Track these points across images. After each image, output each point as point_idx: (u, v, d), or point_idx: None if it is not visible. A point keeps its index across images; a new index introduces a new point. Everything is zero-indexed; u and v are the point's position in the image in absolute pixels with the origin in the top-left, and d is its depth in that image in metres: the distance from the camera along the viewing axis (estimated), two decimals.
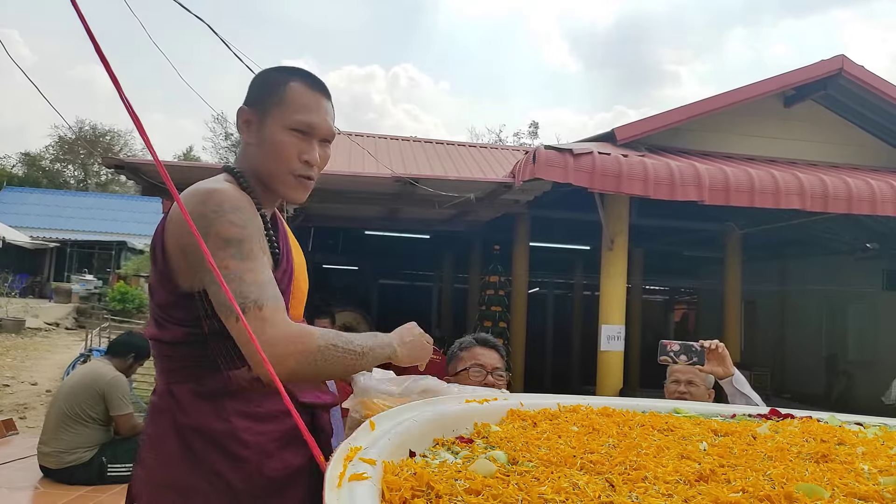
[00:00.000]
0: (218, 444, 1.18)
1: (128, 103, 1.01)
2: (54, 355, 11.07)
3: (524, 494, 0.78)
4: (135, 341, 4.70)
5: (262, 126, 1.28)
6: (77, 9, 0.97)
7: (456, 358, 2.22)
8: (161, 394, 1.25)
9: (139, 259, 20.11)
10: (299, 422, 0.98)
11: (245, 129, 1.31)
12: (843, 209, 5.88)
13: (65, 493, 4.03)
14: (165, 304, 1.22)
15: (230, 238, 1.15)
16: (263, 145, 1.28)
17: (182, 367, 1.22)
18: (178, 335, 1.21)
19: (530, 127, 38.00)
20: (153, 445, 1.23)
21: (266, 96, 1.29)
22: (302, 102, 1.28)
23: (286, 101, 1.28)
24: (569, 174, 5.40)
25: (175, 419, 1.20)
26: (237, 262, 1.14)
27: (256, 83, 1.33)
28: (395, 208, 7.30)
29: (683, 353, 2.02)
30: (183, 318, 1.20)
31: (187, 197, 1.19)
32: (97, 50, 0.98)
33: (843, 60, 6.82)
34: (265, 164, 1.28)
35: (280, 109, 1.27)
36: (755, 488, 0.82)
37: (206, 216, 1.15)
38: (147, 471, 1.23)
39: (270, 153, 1.27)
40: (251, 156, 1.30)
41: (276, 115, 1.27)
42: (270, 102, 1.28)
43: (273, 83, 1.29)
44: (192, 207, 1.15)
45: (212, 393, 1.20)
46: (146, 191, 6.47)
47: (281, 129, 1.27)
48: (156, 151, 1.09)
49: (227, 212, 1.16)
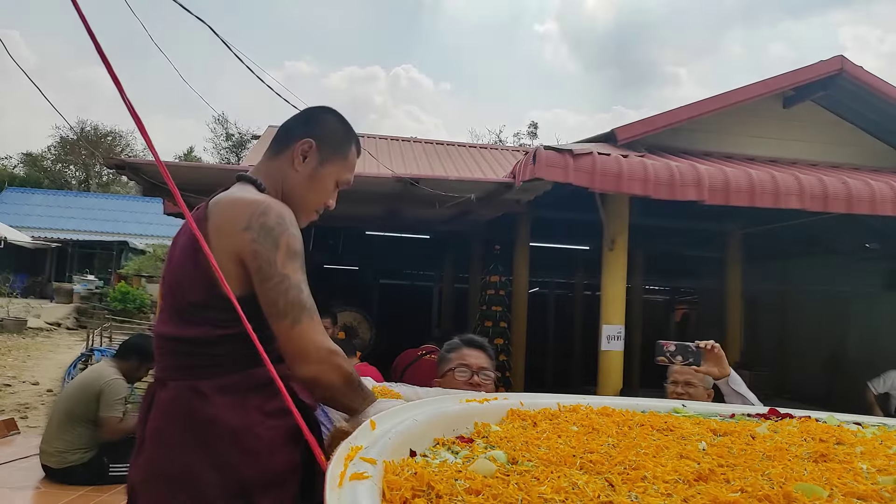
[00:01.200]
0: (234, 437, 1.23)
1: (129, 104, 1.02)
2: (56, 355, 11.07)
3: (524, 494, 0.78)
4: (139, 343, 4.69)
5: (320, 167, 1.45)
6: (78, 9, 0.97)
7: (444, 359, 2.23)
8: (174, 389, 1.29)
9: (140, 259, 20.09)
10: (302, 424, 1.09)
11: (299, 159, 1.44)
12: (842, 209, 5.87)
13: (66, 492, 4.03)
14: (201, 304, 1.28)
15: (297, 250, 1.27)
16: (312, 182, 1.44)
17: (206, 363, 1.28)
18: (211, 335, 1.27)
19: (530, 127, 38.01)
20: (160, 439, 1.27)
21: (334, 147, 1.47)
22: (352, 164, 1.53)
23: (347, 161, 1.50)
24: (569, 174, 5.40)
25: (190, 412, 1.25)
26: (301, 273, 1.25)
27: (326, 126, 1.48)
28: (396, 208, 7.30)
29: (679, 354, 2.03)
30: (217, 318, 1.26)
31: (237, 207, 1.28)
32: (99, 50, 0.99)
33: (843, 61, 6.82)
34: (304, 195, 1.45)
35: (340, 166, 1.48)
36: (754, 488, 0.82)
37: (272, 228, 1.25)
38: (152, 464, 1.26)
39: (314, 191, 1.45)
40: (292, 181, 1.43)
41: (335, 169, 1.47)
42: (335, 156, 1.47)
43: (343, 140, 1.50)
44: (251, 217, 1.26)
45: (235, 387, 1.26)
46: (147, 191, 6.45)
47: (332, 179, 1.47)
48: (157, 152, 1.09)
49: (289, 225, 1.28)
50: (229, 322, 1.23)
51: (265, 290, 1.23)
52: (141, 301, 15.87)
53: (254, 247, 1.23)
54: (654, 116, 6.56)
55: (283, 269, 1.23)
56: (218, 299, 1.24)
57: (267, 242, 1.23)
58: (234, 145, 34.97)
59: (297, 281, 1.23)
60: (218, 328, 1.27)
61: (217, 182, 1.64)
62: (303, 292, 1.23)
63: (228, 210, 1.29)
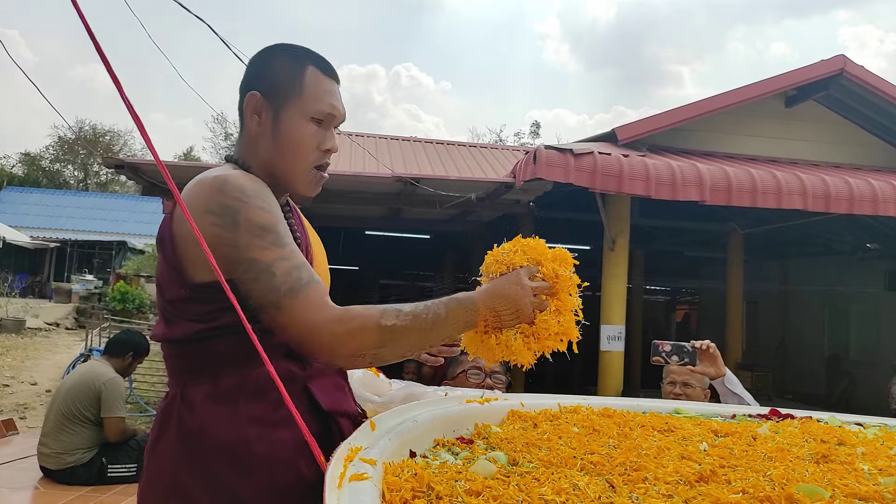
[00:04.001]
0: (227, 451, 1.08)
1: (129, 103, 1.01)
2: (54, 355, 11.07)
3: (524, 495, 0.78)
4: (132, 339, 4.68)
5: (277, 117, 1.19)
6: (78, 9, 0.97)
7: (455, 361, 2.23)
8: (170, 397, 1.16)
9: (139, 259, 20.10)
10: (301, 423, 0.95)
11: (254, 120, 1.21)
12: (844, 209, 5.87)
13: (65, 493, 4.03)
14: (177, 299, 1.13)
15: (262, 224, 1.07)
16: (279, 138, 1.19)
17: (195, 366, 1.14)
18: (191, 331, 1.12)
19: (531, 127, 38.00)
20: (155, 451, 1.15)
21: (281, 85, 1.19)
22: (321, 90, 1.21)
23: (305, 90, 1.19)
24: (570, 174, 5.40)
25: (181, 423, 1.11)
26: (272, 249, 1.07)
27: (266, 68, 1.22)
28: (396, 208, 7.30)
29: (675, 354, 2.03)
30: (197, 312, 1.11)
31: (197, 188, 1.11)
32: (98, 50, 0.98)
33: (844, 61, 6.82)
34: (281, 157, 1.20)
35: (300, 99, 1.19)
36: (755, 489, 0.82)
37: (229, 206, 1.07)
38: (149, 477, 1.15)
39: (288, 146, 1.19)
40: (262, 149, 1.21)
41: (296, 106, 1.19)
42: (288, 91, 1.19)
43: (288, 70, 1.20)
44: (209, 198, 1.08)
45: (226, 394, 1.10)
46: (146, 191, 6.47)
47: (301, 120, 1.19)
48: (156, 151, 1.09)
49: (251, 197, 1.09)
50: (210, 314, 1.09)
51: (238, 282, 1.07)
52: (140, 301, 15.86)
53: (214, 230, 1.05)
54: (655, 116, 6.57)
55: (249, 253, 1.05)
56: (194, 289, 1.10)
57: (226, 223, 1.06)
58: (233, 145, 34.91)
59: (267, 263, 1.05)
60: (197, 322, 1.11)
61: None
62: (275, 276, 1.05)
63: (189, 192, 1.11)
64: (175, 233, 1.11)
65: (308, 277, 1.07)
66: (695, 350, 2.05)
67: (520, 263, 1.14)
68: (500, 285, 1.13)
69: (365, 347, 1.06)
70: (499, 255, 1.17)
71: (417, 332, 1.08)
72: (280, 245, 1.07)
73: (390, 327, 1.06)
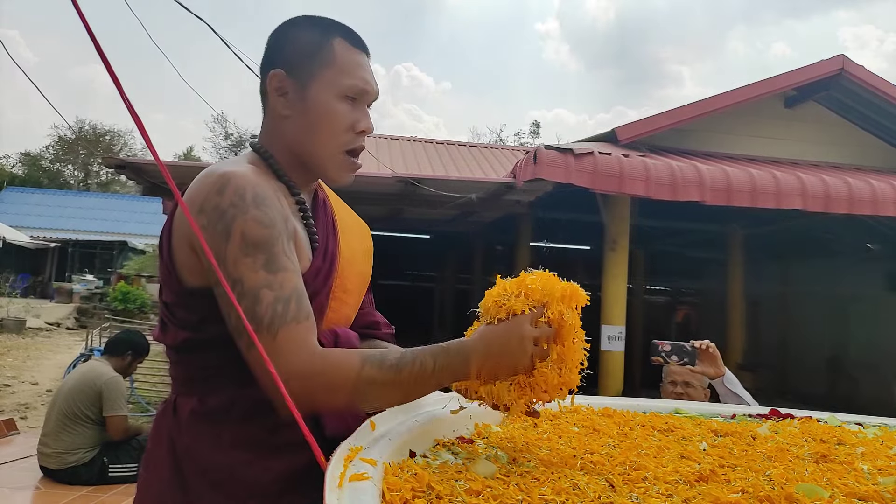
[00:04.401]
0: (212, 478, 0.98)
1: (129, 103, 1.01)
2: (55, 355, 11.07)
3: (524, 495, 0.78)
4: (132, 338, 4.68)
5: (305, 94, 1.06)
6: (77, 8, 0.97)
7: None
8: (165, 405, 1.08)
9: (141, 259, 20.08)
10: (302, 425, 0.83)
11: (279, 99, 1.08)
12: (844, 209, 5.87)
13: (66, 493, 4.03)
14: (170, 302, 1.05)
15: (256, 240, 0.94)
16: (308, 116, 1.07)
17: (185, 377, 1.06)
18: (179, 339, 1.04)
19: (531, 127, 37.98)
20: (148, 464, 1.07)
21: (307, 57, 1.07)
22: (353, 62, 1.09)
23: (335, 63, 1.07)
24: (570, 174, 5.40)
25: (172, 439, 1.02)
26: (261, 273, 0.93)
27: (288, 41, 1.09)
28: (397, 209, 7.30)
29: (675, 354, 2.03)
30: (186, 319, 1.02)
31: (199, 183, 1.00)
32: (98, 50, 0.98)
33: (844, 61, 6.82)
34: (311, 138, 1.07)
35: (330, 72, 1.06)
36: (755, 488, 0.82)
37: (224, 211, 0.95)
38: (141, 490, 1.07)
39: (319, 125, 1.07)
40: (289, 131, 1.08)
41: (325, 80, 1.06)
42: (315, 65, 1.06)
43: (314, 42, 1.07)
44: (206, 197, 0.96)
45: (212, 413, 1.01)
46: (147, 191, 6.47)
47: (332, 97, 1.07)
48: (157, 151, 1.08)
49: (249, 206, 0.95)
50: (198, 324, 1.00)
51: (218, 298, 0.96)
52: (141, 301, 15.86)
53: (203, 234, 0.94)
54: (655, 116, 6.56)
55: (235, 271, 0.92)
56: (186, 296, 1.01)
57: (216, 231, 0.94)
58: (233, 144, 34.92)
59: (252, 286, 0.91)
60: (185, 330, 1.03)
61: None
62: (260, 302, 0.91)
63: (192, 186, 1.01)
64: (172, 233, 1.04)
65: (294, 314, 0.93)
66: (694, 350, 2.06)
67: (520, 310, 0.98)
68: (498, 336, 0.97)
69: (336, 402, 0.94)
70: (499, 298, 1.02)
71: (400, 388, 0.95)
72: (272, 270, 0.94)
73: (369, 380, 0.92)
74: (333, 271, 1.10)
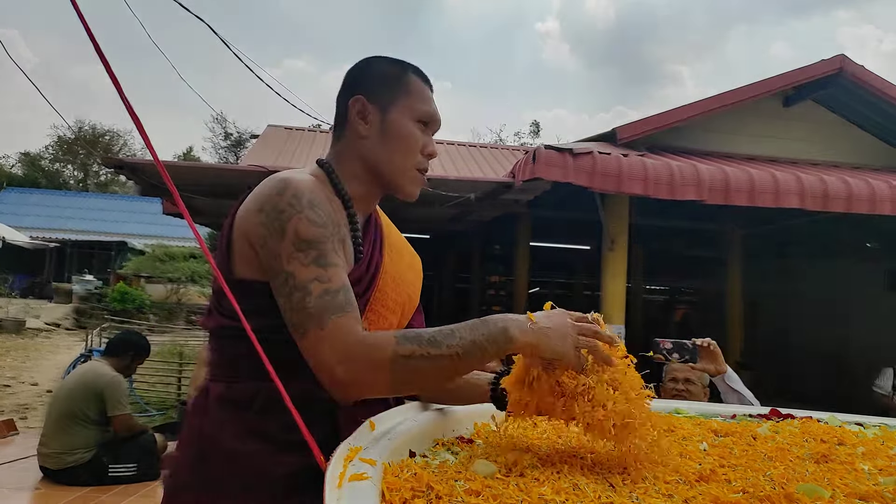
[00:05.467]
0: (230, 462, 1.04)
1: (128, 103, 1.01)
2: (55, 356, 11.07)
3: (524, 495, 0.78)
4: (133, 339, 4.69)
5: (385, 117, 1.20)
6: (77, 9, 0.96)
7: None
8: (200, 390, 1.14)
9: (139, 259, 20.07)
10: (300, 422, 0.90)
11: (359, 121, 1.20)
12: (842, 208, 5.87)
13: (65, 493, 4.03)
14: (218, 290, 1.12)
15: (309, 238, 1.03)
16: (387, 137, 1.19)
17: (218, 363, 1.13)
18: (219, 326, 1.12)
19: (531, 126, 37.98)
20: (179, 444, 1.14)
21: (388, 87, 1.21)
22: (426, 94, 1.24)
23: (412, 93, 1.21)
24: (569, 174, 5.40)
25: (202, 422, 1.09)
26: (312, 268, 1.02)
27: (371, 71, 1.24)
28: (395, 207, 7.29)
29: (676, 351, 2.03)
30: (229, 308, 1.06)
31: (263, 184, 1.10)
32: (97, 50, 0.98)
33: (843, 60, 6.81)
34: (390, 157, 1.20)
35: (408, 102, 1.21)
36: (755, 488, 0.82)
37: (282, 211, 1.05)
38: (172, 469, 1.13)
39: (396, 146, 1.19)
40: (369, 151, 1.20)
41: (404, 106, 1.20)
42: (395, 93, 1.21)
43: (394, 74, 1.23)
44: (266, 198, 1.07)
45: (236, 401, 1.07)
46: (146, 191, 6.45)
47: (409, 121, 1.20)
48: (156, 151, 1.08)
49: (304, 207, 1.05)
50: (234, 313, 1.03)
51: (274, 291, 1.04)
52: (140, 301, 15.85)
53: (260, 231, 1.05)
54: (654, 116, 6.56)
55: (288, 266, 1.02)
56: (233, 284, 1.07)
57: (273, 228, 1.04)
58: (232, 144, 34.92)
59: (303, 280, 1.00)
60: (227, 318, 1.09)
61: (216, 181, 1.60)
62: (309, 294, 0.99)
63: (257, 189, 1.11)
64: (234, 227, 1.11)
65: (342, 305, 1.00)
66: (695, 347, 2.06)
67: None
68: (541, 313, 1.05)
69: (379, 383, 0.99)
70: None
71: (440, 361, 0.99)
72: (322, 264, 1.03)
73: (407, 354, 0.97)
74: (375, 283, 1.17)
